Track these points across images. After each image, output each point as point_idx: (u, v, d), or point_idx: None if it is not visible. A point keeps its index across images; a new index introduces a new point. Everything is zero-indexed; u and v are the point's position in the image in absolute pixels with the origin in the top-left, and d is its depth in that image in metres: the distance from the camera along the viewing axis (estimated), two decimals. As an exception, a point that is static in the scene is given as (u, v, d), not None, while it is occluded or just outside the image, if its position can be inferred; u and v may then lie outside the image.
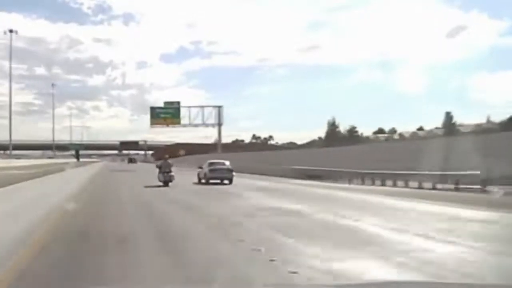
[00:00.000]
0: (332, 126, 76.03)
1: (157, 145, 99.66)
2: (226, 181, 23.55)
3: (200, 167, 25.34)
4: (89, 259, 5.58)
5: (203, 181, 24.21)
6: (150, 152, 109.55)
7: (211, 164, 24.51)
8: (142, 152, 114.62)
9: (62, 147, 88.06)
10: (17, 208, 8.97)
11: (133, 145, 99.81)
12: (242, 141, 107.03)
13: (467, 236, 7.46)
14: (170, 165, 22.15)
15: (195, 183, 23.91)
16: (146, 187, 20.37)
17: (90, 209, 11.88)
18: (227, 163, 24.75)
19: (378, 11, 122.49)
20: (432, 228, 8.23)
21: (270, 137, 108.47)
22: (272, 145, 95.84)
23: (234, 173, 24.22)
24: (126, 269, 5.21)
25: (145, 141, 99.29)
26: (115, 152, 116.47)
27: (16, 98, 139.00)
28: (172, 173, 21.77)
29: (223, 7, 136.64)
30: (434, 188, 19.55)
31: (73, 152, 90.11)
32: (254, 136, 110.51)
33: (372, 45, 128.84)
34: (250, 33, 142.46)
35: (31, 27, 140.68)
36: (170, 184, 21.13)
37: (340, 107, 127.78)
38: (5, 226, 7.06)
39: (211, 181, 23.67)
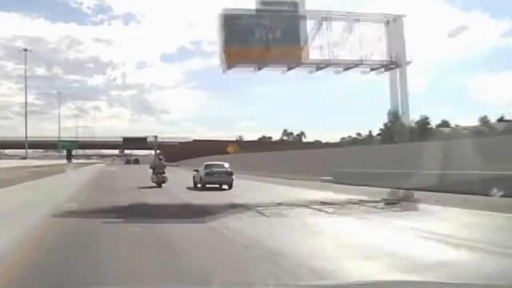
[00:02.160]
0: (394, 117, 66.05)
1: (169, 143, 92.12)
2: (225, 186, 21.63)
3: (196, 170, 23.39)
4: None
5: (199, 185, 22.22)
6: (157, 151, 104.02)
7: (207, 166, 22.48)
8: (147, 151, 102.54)
9: (50, 145, 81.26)
10: None
11: (140, 142, 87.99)
12: (270, 138, 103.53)
13: None
14: (163, 166, 23.15)
15: (190, 188, 21.76)
16: None
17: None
18: (226, 165, 22.96)
19: (379, 11, 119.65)
20: None
21: (302, 133, 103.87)
22: (308, 143, 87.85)
23: (233, 177, 22.06)
24: None
25: (156, 136, 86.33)
26: (118, 151, 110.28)
27: (17, 99, 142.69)
28: (165, 174, 22.70)
29: (224, 6, 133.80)
30: None
31: (69, 152, 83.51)
32: (285, 132, 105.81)
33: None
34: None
35: (31, 27, 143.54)
36: (163, 185, 21.96)
37: (342, 106, 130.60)
38: None
39: (208, 185, 21.65)
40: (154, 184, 22.39)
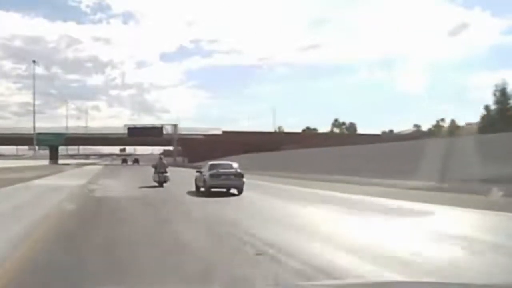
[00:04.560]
0: (503, 97, 48.34)
1: (190, 136, 77.08)
2: (234, 190, 19.22)
3: (199, 171, 21.21)
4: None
5: (202, 190, 19.82)
6: (160, 149, 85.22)
7: (212, 167, 20.35)
8: (149, 149, 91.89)
9: (27, 141, 68.87)
10: None
11: (153, 134, 68.97)
12: (315, 129, 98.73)
13: None
14: (165, 166, 24.31)
15: (191, 193, 19.50)
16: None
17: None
18: (235, 165, 20.69)
19: (380, 10, 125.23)
20: None
21: (354, 124, 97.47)
22: (367, 136, 73.29)
23: (244, 179, 19.41)
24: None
25: (176, 125, 71.21)
26: (122, 148, 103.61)
27: (15, 98, 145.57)
28: (167, 174, 23.83)
29: (224, 5, 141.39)
30: None
31: (54, 149, 74.22)
32: (336, 122, 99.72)
33: (373, 44, 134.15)
34: (251, 31, 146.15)
35: (30, 26, 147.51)
36: (164, 184, 22.85)
37: (343, 107, 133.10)
38: None
39: (213, 190, 19.10)
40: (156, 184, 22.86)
